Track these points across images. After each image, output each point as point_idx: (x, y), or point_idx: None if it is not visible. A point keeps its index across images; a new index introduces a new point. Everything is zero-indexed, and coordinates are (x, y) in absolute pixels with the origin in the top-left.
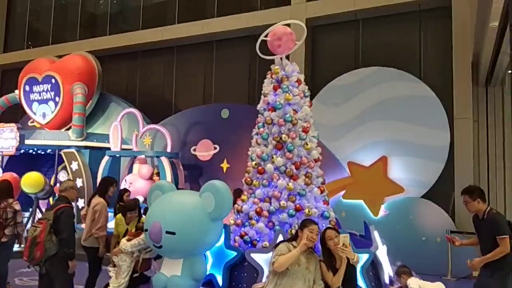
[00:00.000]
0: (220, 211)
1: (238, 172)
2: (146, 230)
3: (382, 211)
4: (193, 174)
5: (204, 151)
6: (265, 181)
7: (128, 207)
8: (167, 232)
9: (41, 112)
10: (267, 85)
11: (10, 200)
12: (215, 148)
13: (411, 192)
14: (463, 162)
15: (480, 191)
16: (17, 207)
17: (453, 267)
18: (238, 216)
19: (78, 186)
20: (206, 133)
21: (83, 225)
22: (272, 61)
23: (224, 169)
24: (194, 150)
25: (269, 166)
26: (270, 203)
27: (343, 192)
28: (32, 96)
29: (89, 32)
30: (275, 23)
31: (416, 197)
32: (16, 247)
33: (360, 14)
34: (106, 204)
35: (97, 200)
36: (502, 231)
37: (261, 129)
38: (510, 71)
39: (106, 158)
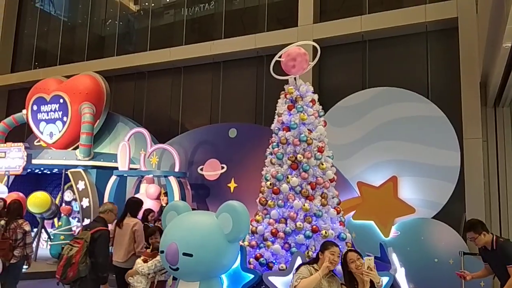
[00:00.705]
0: (238, 232)
1: (246, 191)
2: (162, 251)
3: (392, 232)
4: (200, 193)
5: (211, 170)
6: (280, 201)
7: (150, 232)
8: (184, 254)
9: (49, 132)
10: (281, 105)
11: (20, 221)
12: (222, 168)
13: (422, 212)
14: (474, 182)
15: (481, 224)
16: (27, 228)
17: None
18: (253, 237)
19: (85, 207)
20: (213, 153)
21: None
22: (282, 82)
23: (232, 189)
24: (201, 169)
25: (284, 186)
26: (286, 224)
27: (352, 212)
28: (39, 116)
29: (97, 53)
30: (282, 45)
31: (427, 217)
32: (24, 268)
33: (367, 35)
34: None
35: (132, 220)
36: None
37: (276, 149)
38: None
39: (113, 177)
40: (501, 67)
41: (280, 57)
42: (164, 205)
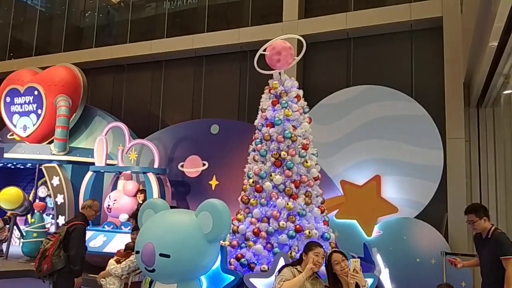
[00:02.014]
0: (219, 232)
1: (228, 189)
2: (138, 252)
3: (375, 232)
4: (180, 191)
5: (192, 167)
6: (263, 200)
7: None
8: (161, 255)
9: (22, 125)
10: (265, 100)
11: None
12: (203, 165)
13: (404, 212)
14: (456, 182)
15: (484, 209)
16: None
17: None
18: (234, 236)
19: (59, 203)
20: (195, 149)
21: None
22: (266, 78)
23: (213, 186)
24: (182, 166)
25: (267, 184)
26: (269, 223)
27: (335, 211)
28: (13, 108)
29: (74, 44)
30: (267, 40)
31: (410, 217)
32: None
33: (352, 32)
34: None
35: None
36: (507, 251)
37: (259, 146)
38: (505, 92)
39: (90, 173)
40: (486, 66)
41: (264, 50)
42: (141, 202)
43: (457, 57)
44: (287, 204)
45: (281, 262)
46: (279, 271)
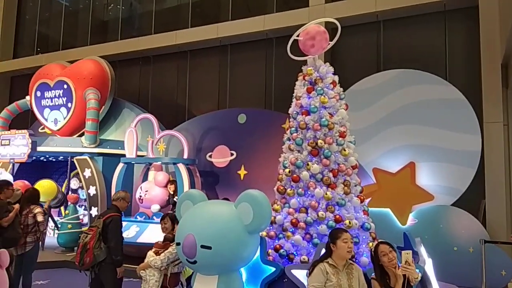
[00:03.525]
0: (259, 223)
1: (256, 179)
2: (178, 243)
3: (410, 220)
4: (209, 181)
5: (221, 157)
6: (300, 189)
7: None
8: (202, 247)
9: (53, 118)
10: (299, 88)
11: (32, 207)
12: (231, 155)
13: (440, 199)
14: (494, 168)
15: None
16: (37, 210)
17: (487, 279)
18: (271, 227)
19: (91, 194)
20: (222, 139)
21: None
22: (293, 65)
23: (242, 176)
24: (210, 156)
25: (304, 174)
26: (307, 213)
27: (368, 200)
28: (43, 102)
29: (100, 37)
30: (292, 26)
31: (446, 205)
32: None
33: (382, 15)
34: None
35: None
36: None
37: (294, 134)
38: None
39: (121, 165)
40: None
41: (298, 35)
42: (172, 193)
43: (494, 38)
44: (326, 193)
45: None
46: (310, 270)
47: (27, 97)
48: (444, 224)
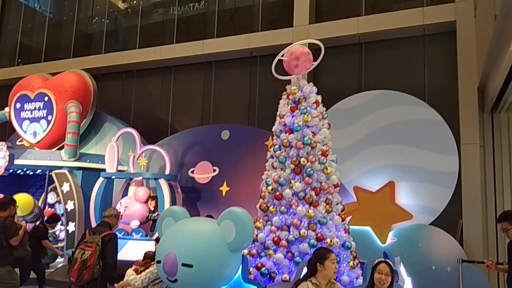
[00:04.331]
0: (242, 241)
1: (238, 195)
2: (159, 261)
3: (390, 238)
4: (191, 197)
5: (203, 173)
6: (283, 207)
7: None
8: (183, 265)
9: (32, 131)
10: (283, 106)
11: None
12: (214, 171)
13: (419, 219)
14: (471, 188)
15: None
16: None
17: None
18: (253, 245)
19: (69, 210)
20: (205, 155)
21: None
22: (275, 83)
23: (224, 193)
24: (192, 172)
25: (287, 192)
26: (289, 231)
27: (349, 218)
28: (23, 114)
29: (84, 50)
30: (277, 45)
31: (424, 224)
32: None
33: (364, 37)
34: None
35: None
36: None
37: (278, 152)
38: None
39: (101, 179)
40: (504, 71)
41: (282, 55)
42: (152, 209)
43: (471, 62)
44: (308, 212)
45: (305, 272)
46: (295, 285)
47: (6, 109)
48: (423, 243)
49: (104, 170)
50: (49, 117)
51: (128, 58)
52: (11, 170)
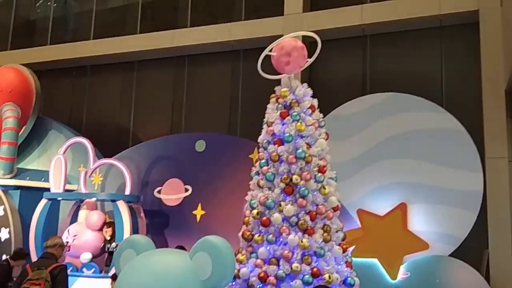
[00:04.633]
0: (220, 278)
1: (216, 221)
2: None
3: (401, 273)
4: (157, 223)
5: (172, 193)
6: (271, 236)
7: None
8: None
9: None
10: (272, 112)
11: None
12: (186, 190)
13: (437, 249)
14: (498, 211)
15: None
16: None
17: None
18: (234, 283)
19: (3, 239)
20: (175, 171)
21: None
22: (264, 83)
23: (198, 218)
24: (159, 192)
25: (276, 216)
26: (279, 265)
27: (352, 248)
28: None
29: (25, 41)
30: (264, 37)
31: (443, 255)
32: None
33: (369, 29)
34: None
35: None
36: None
37: (265, 168)
38: None
39: (43, 201)
40: None
41: (270, 50)
42: (108, 238)
43: (497, 59)
44: (301, 241)
45: None
46: None
47: None
48: (441, 279)
49: (48, 189)
50: None
51: (80, 51)
52: None
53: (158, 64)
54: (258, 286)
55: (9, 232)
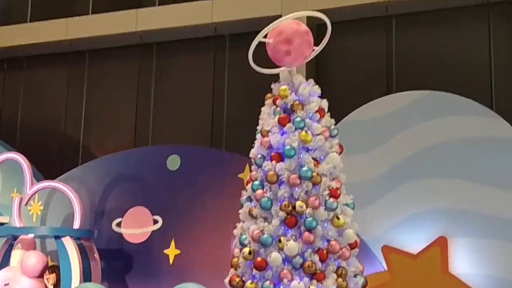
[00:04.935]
0: None
1: (195, 263)
2: None
3: None
4: (117, 267)
5: (137, 226)
6: (268, 282)
7: None
8: None
9: None
10: (268, 117)
11: None
12: (155, 222)
13: None
14: None
15: None
16: None
17: None
18: None
19: None
20: (140, 197)
21: None
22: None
23: (171, 259)
24: (119, 225)
25: (274, 256)
26: None
27: None
28: None
29: None
30: (257, 18)
31: None
32: None
33: (394, 7)
34: None
35: None
36: None
37: (259, 192)
38: None
39: None
40: None
41: (265, 36)
42: (51, 287)
43: None
44: None
45: None
46: None
47: None
48: None
49: None
50: None
51: (13, 37)
52: None
53: (117, 54)
54: None
55: None
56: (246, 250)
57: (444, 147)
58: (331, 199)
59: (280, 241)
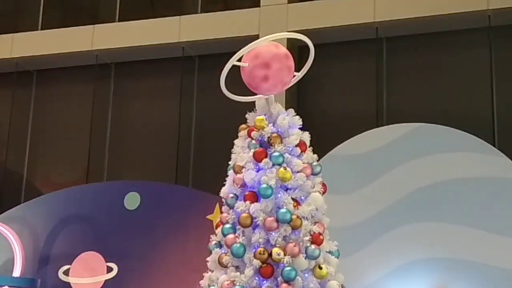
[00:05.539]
0: None
1: None
2: None
3: None
4: None
5: (88, 275)
6: None
7: None
8: None
9: None
10: (242, 151)
11: None
12: (109, 270)
13: None
14: None
15: None
16: None
17: None
18: None
19: None
20: (92, 240)
21: None
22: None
23: None
24: (67, 273)
25: None
26: None
27: None
28: None
29: None
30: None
31: None
32: None
33: (385, 28)
34: None
35: None
36: None
37: (230, 236)
38: None
39: None
40: None
41: (240, 59)
42: None
43: None
44: None
45: None
46: None
47: None
48: None
49: None
50: None
51: None
52: None
53: (70, 73)
54: None
55: None
56: None
57: (441, 187)
58: (313, 246)
59: None
